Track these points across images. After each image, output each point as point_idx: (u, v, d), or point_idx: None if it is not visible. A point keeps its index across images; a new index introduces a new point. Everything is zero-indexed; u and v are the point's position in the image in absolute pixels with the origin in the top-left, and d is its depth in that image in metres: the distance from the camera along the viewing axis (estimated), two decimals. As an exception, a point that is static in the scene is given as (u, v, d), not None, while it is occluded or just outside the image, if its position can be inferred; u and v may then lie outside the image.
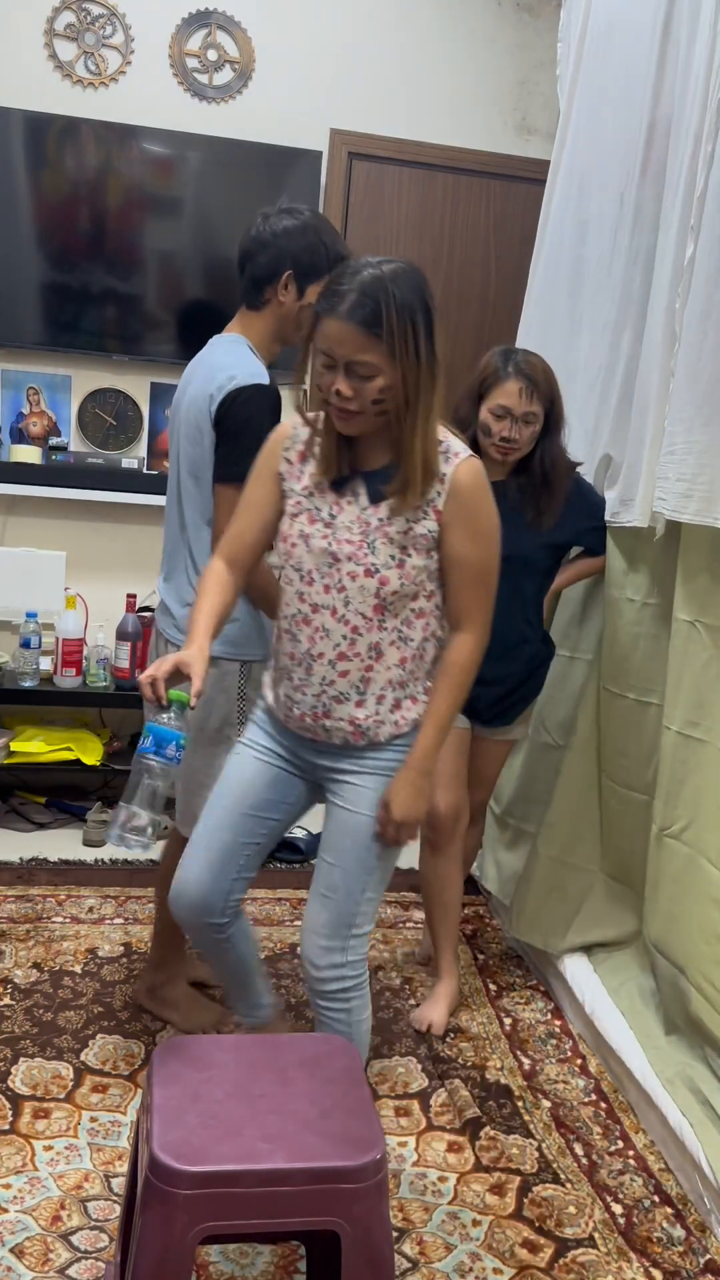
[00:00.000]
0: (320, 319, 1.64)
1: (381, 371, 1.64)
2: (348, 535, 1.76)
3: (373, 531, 1.75)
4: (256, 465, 1.83)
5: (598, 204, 2.62)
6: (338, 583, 1.77)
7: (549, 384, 2.37)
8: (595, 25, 2.66)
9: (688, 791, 2.24)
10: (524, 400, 2.34)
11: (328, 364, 1.65)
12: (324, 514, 1.78)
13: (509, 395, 2.33)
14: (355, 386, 1.64)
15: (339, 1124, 1.43)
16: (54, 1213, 1.88)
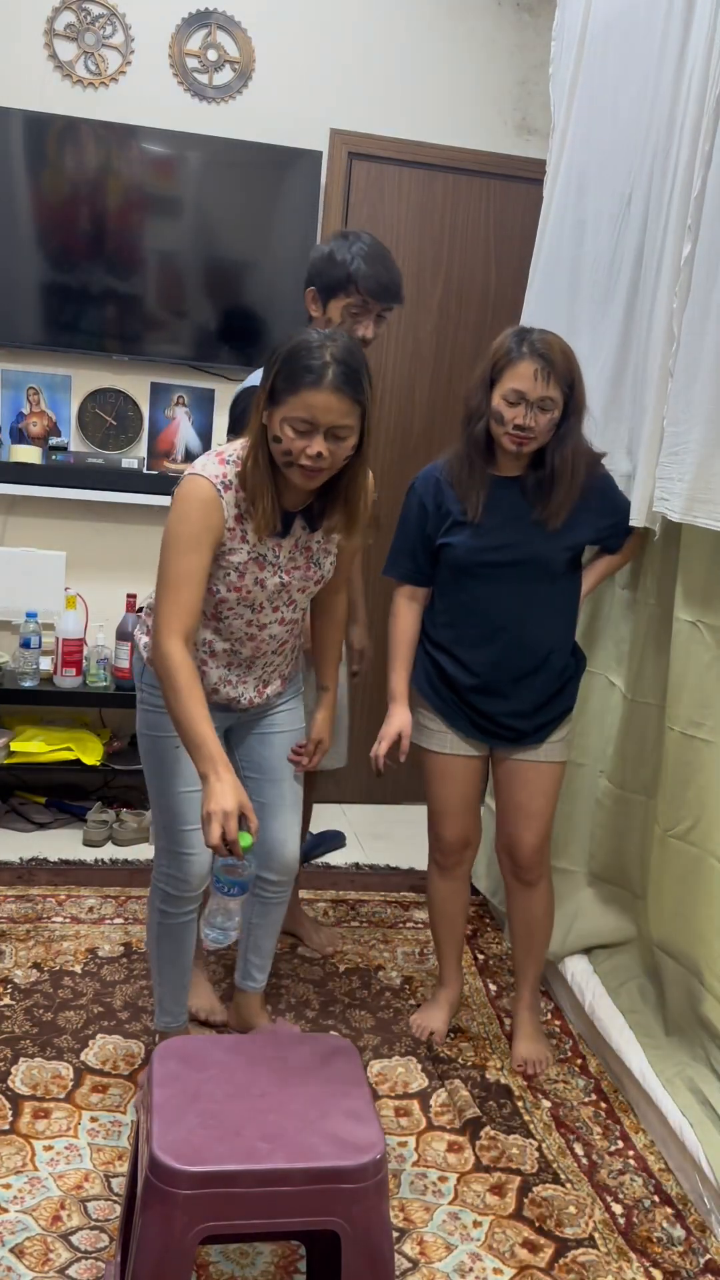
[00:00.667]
0: (301, 389, 1.77)
1: (354, 431, 1.83)
2: (294, 563, 2.02)
3: (316, 552, 2.04)
4: (193, 532, 1.89)
5: (598, 204, 2.62)
6: (288, 599, 2.06)
7: (568, 365, 2.14)
8: (595, 25, 2.66)
9: (692, 792, 2.24)
10: (540, 383, 2.09)
11: (304, 430, 1.79)
12: (269, 558, 1.99)
13: (523, 378, 2.10)
14: (332, 448, 1.81)
15: (339, 1124, 1.43)
16: (54, 1213, 1.88)
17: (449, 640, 2.31)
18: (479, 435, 2.20)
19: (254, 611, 2.02)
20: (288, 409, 1.79)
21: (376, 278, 2.33)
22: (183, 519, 1.89)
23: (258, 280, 3.60)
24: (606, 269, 2.56)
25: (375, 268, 2.32)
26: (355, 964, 2.82)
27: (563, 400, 2.14)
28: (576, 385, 2.16)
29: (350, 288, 2.32)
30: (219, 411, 3.71)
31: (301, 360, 1.77)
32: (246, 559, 1.96)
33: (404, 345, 3.79)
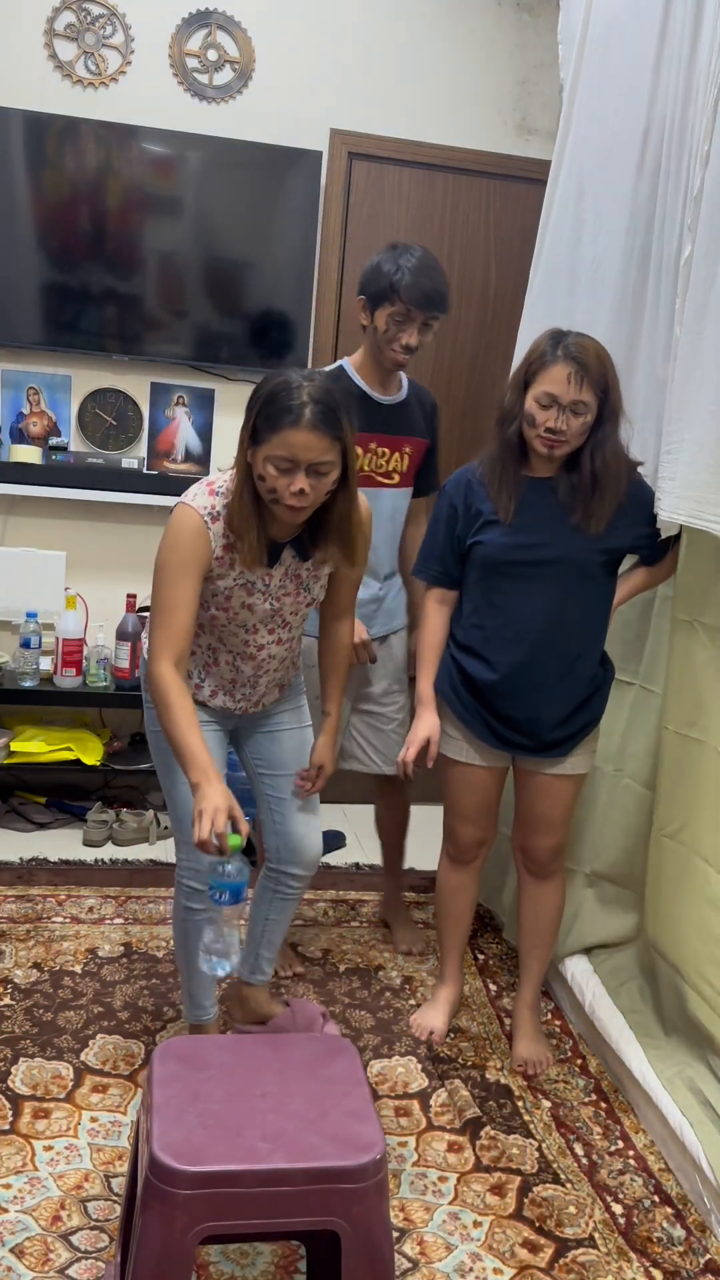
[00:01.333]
0: (281, 429, 1.84)
1: (334, 466, 1.89)
2: (284, 589, 2.08)
3: (306, 578, 2.11)
4: (181, 561, 1.98)
5: (598, 204, 2.62)
6: (282, 622, 2.13)
7: (602, 369, 2.11)
8: (595, 25, 2.66)
9: (683, 791, 2.25)
10: (572, 387, 2.08)
11: (286, 468, 1.86)
12: (259, 585, 2.06)
13: (556, 381, 2.09)
14: (314, 484, 1.88)
15: (339, 1124, 1.43)
16: (54, 1213, 1.88)
17: (476, 641, 2.30)
18: (512, 437, 2.20)
19: (248, 632, 2.10)
20: (269, 448, 1.86)
21: (419, 287, 2.40)
22: (171, 548, 1.98)
23: (258, 280, 3.60)
24: (606, 269, 2.56)
25: (419, 278, 2.40)
26: (355, 964, 2.82)
27: (597, 405, 2.12)
28: (611, 390, 2.14)
29: (394, 297, 2.41)
30: (219, 411, 3.71)
31: (280, 401, 1.84)
32: (233, 585, 2.03)
33: (404, 345, 3.80)
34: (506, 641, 2.26)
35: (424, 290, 2.40)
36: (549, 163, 2.88)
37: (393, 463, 2.59)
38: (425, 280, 2.41)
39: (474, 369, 3.80)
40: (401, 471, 2.61)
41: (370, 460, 2.55)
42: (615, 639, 2.55)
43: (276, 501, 1.90)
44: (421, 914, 3.12)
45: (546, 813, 2.38)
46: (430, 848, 3.02)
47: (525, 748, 2.31)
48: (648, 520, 2.25)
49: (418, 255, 2.43)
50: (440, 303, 2.45)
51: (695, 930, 2.16)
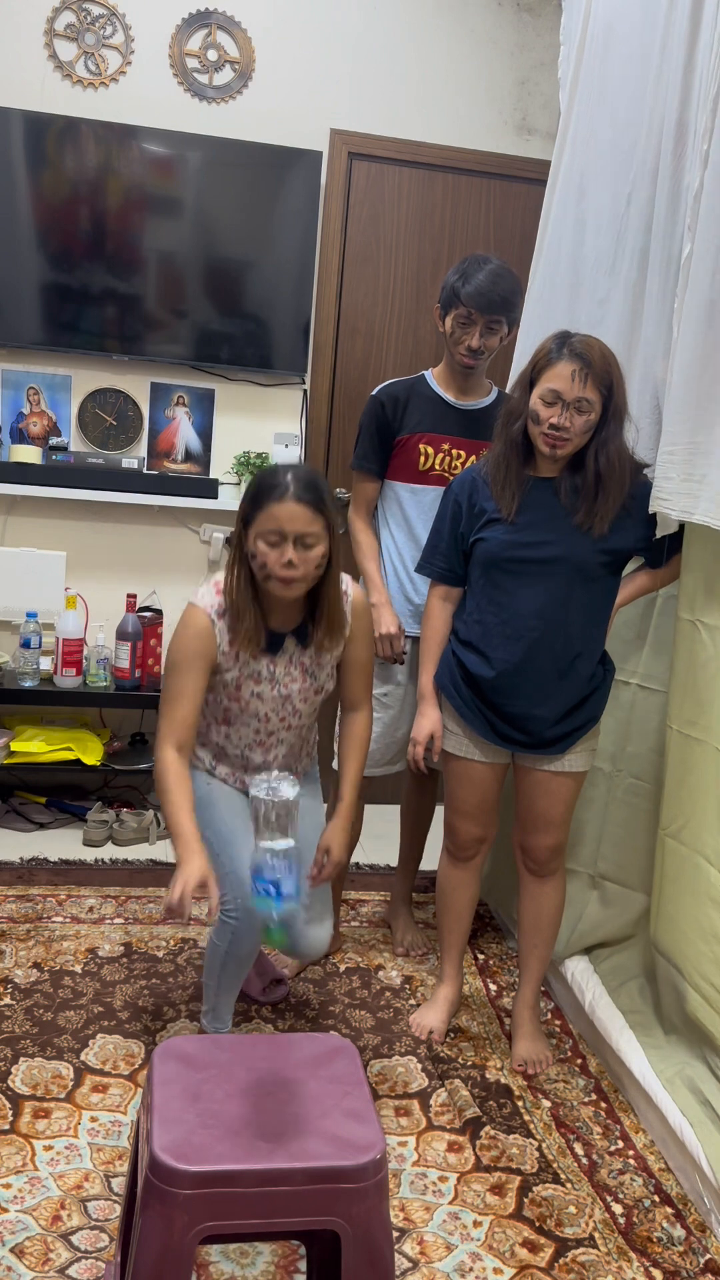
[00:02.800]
0: (267, 505, 1.98)
1: (321, 539, 2.00)
2: (291, 677, 2.18)
3: (311, 665, 2.19)
4: (187, 657, 2.08)
5: (598, 204, 2.62)
6: (293, 709, 2.22)
7: (606, 368, 2.14)
8: (595, 25, 2.66)
9: (685, 791, 2.25)
10: (576, 384, 2.10)
11: (275, 541, 1.98)
12: (265, 674, 2.15)
13: (559, 378, 2.11)
14: (302, 556, 1.99)
15: (339, 1124, 1.43)
16: (54, 1212, 1.88)
17: (476, 637, 2.31)
18: (516, 435, 2.22)
19: (260, 720, 2.21)
20: (259, 525, 1.99)
21: (479, 289, 2.50)
22: (178, 646, 2.10)
23: (258, 280, 3.60)
24: (607, 269, 2.56)
25: (481, 282, 2.50)
26: (355, 964, 2.82)
27: (600, 403, 2.14)
28: (616, 389, 2.16)
29: (457, 301, 2.54)
30: (219, 411, 3.71)
31: (266, 483, 2.00)
32: (239, 675, 2.14)
33: (404, 345, 3.80)
34: (505, 638, 2.27)
35: (483, 293, 2.50)
36: (549, 163, 2.88)
37: (469, 464, 2.65)
38: (487, 284, 2.50)
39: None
40: None
41: (442, 459, 2.66)
42: (615, 638, 2.55)
43: (269, 578, 2.01)
44: (422, 914, 3.12)
45: (546, 811, 2.38)
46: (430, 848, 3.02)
47: (523, 744, 2.32)
48: (651, 522, 2.25)
49: (486, 262, 2.54)
50: (501, 306, 2.53)
51: (696, 929, 2.16)
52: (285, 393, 3.75)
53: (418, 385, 2.69)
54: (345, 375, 3.79)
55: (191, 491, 3.60)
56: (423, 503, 2.67)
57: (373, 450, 2.70)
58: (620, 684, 2.56)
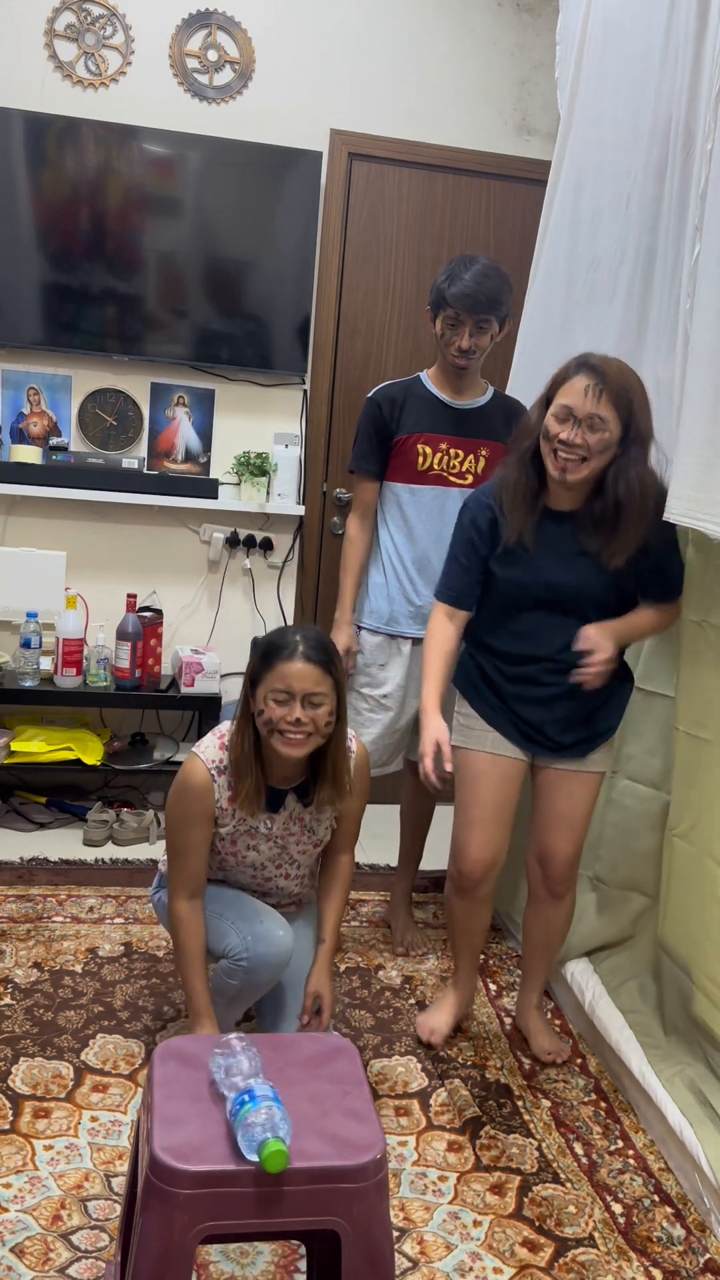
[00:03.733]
0: (277, 664, 1.99)
1: (328, 699, 2.01)
2: (288, 830, 2.17)
3: (310, 821, 2.19)
4: (188, 816, 2.09)
5: (598, 204, 2.62)
6: (290, 860, 2.22)
7: (624, 386, 2.03)
8: (595, 25, 2.66)
9: (694, 793, 2.24)
10: (590, 399, 2.01)
11: (283, 699, 1.99)
12: (262, 830, 2.15)
13: (573, 392, 2.03)
14: (310, 714, 1.99)
15: (339, 1124, 1.43)
16: (54, 1212, 1.88)
17: (493, 646, 2.29)
18: (526, 454, 2.16)
19: (255, 869, 2.22)
20: (267, 684, 2.01)
21: (464, 290, 2.51)
22: (178, 800, 2.11)
23: (258, 280, 3.60)
24: (606, 269, 2.57)
25: (466, 282, 2.51)
26: (355, 964, 2.82)
27: (619, 424, 2.04)
28: (638, 411, 2.05)
29: (444, 302, 2.55)
30: (219, 411, 3.71)
31: (277, 643, 2.03)
32: (235, 830, 2.14)
33: (404, 345, 3.80)
34: (515, 660, 2.27)
35: (469, 294, 2.51)
36: (549, 163, 2.89)
37: (466, 463, 2.68)
38: (472, 285, 2.51)
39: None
40: (476, 473, 2.69)
41: (441, 459, 2.67)
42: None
43: (273, 732, 2.01)
44: (421, 914, 3.12)
45: (568, 813, 2.34)
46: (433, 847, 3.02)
47: (546, 747, 2.30)
48: (661, 567, 2.18)
49: (473, 262, 2.55)
50: (488, 305, 2.54)
51: (704, 930, 2.16)
52: (285, 393, 3.75)
53: (413, 386, 2.70)
54: (345, 375, 3.79)
55: (191, 491, 3.60)
56: (422, 502, 2.68)
57: (371, 452, 2.71)
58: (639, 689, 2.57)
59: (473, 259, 2.57)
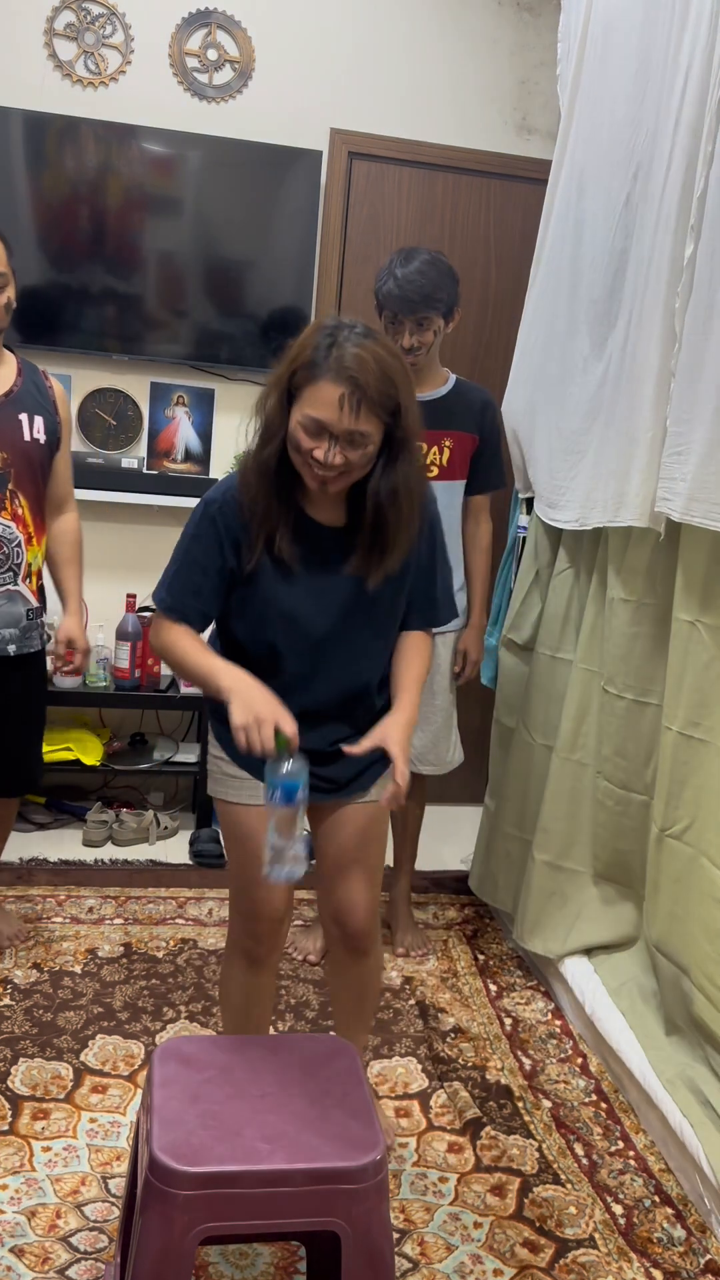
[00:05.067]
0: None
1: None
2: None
3: None
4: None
5: (598, 204, 2.62)
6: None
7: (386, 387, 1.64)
8: (595, 25, 2.66)
9: (689, 792, 2.24)
10: (346, 414, 1.62)
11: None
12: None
13: (324, 404, 1.62)
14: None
15: (339, 1124, 1.43)
16: (53, 1214, 1.88)
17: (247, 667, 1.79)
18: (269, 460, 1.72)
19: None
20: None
21: (396, 291, 2.50)
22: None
23: (258, 280, 3.60)
24: (607, 269, 2.56)
25: (398, 282, 2.50)
26: (355, 964, 2.82)
27: (382, 429, 1.67)
28: (405, 406, 1.67)
29: (381, 305, 2.56)
30: (219, 411, 3.71)
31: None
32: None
33: (404, 345, 3.80)
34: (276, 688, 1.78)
35: (401, 294, 2.50)
36: (549, 163, 2.88)
37: (430, 455, 2.67)
38: (405, 283, 2.49)
39: (474, 369, 3.79)
40: (441, 464, 2.69)
41: None
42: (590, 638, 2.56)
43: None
44: (421, 914, 3.12)
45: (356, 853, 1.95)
46: (426, 848, 3.02)
47: (319, 789, 1.86)
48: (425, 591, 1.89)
49: (410, 258, 2.52)
50: (422, 303, 2.51)
51: (703, 931, 2.16)
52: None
53: None
54: (345, 375, 3.79)
55: (191, 491, 3.60)
56: None
57: None
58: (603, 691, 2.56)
59: (411, 253, 2.54)
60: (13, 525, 2.41)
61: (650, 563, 2.44)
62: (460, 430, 2.69)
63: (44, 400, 2.47)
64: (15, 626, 2.43)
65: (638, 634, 2.49)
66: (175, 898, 3.09)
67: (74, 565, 2.69)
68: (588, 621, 2.65)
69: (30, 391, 2.45)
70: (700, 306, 2.14)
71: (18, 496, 2.41)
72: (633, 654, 2.51)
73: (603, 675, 2.61)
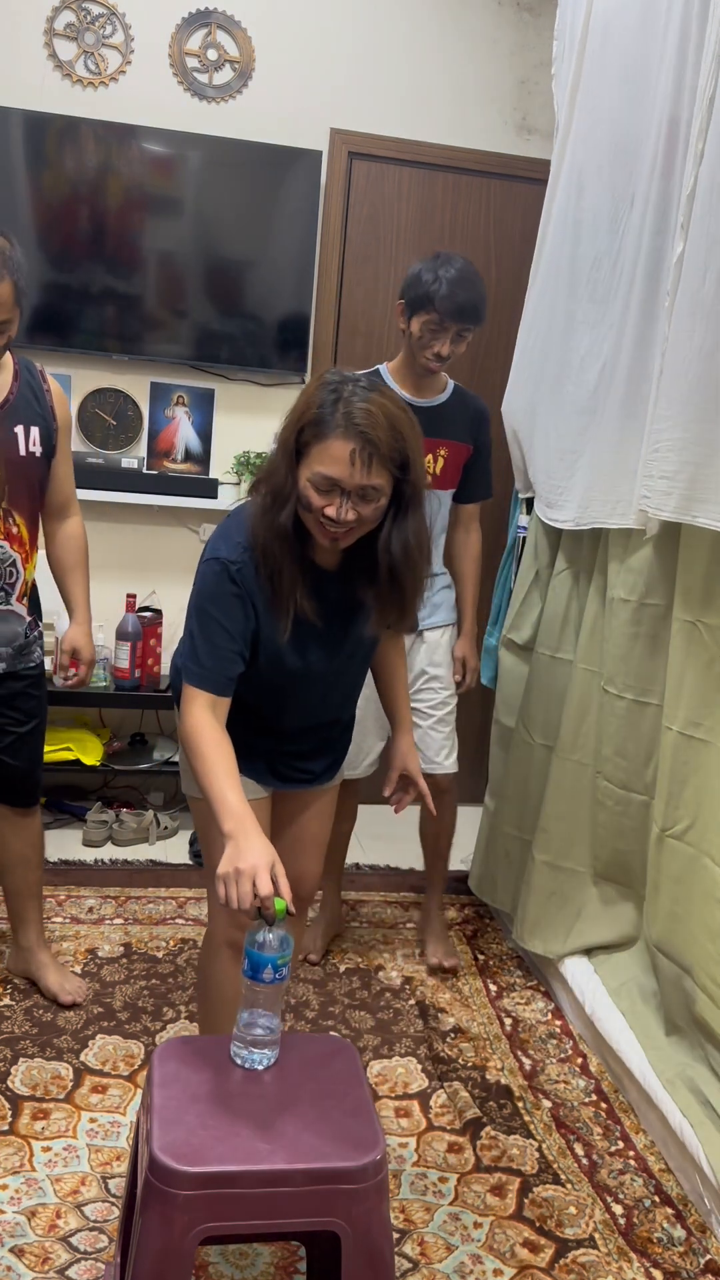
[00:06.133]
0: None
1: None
2: None
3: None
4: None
5: (597, 203, 2.62)
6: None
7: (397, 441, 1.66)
8: (595, 25, 2.66)
9: (689, 792, 2.24)
10: (359, 470, 1.63)
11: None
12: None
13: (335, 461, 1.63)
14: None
15: (339, 1124, 1.43)
16: (54, 1213, 1.88)
17: None
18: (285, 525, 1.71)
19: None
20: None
21: (454, 299, 2.46)
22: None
23: (258, 280, 3.60)
24: (606, 269, 2.56)
25: (455, 289, 2.46)
26: (355, 964, 2.82)
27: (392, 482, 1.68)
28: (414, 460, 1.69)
29: (430, 306, 2.48)
30: (219, 411, 3.71)
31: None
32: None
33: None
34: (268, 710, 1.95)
35: (458, 302, 2.47)
36: (549, 163, 2.88)
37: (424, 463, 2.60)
38: (460, 292, 2.47)
39: (474, 369, 3.80)
40: (435, 473, 2.65)
41: None
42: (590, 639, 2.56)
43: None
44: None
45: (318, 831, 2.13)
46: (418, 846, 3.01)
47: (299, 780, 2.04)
48: None
49: (457, 266, 2.49)
50: (473, 315, 2.51)
51: (705, 930, 2.16)
52: (285, 392, 3.74)
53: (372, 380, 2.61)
54: (345, 375, 3.79)
55: (191, 491, 3.60)
56: None
57: None
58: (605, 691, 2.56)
59: (451, 257, 2.50)
60: (7, 545, 2.32)
61: (650, 563, 2.44)
62: (455, 440, 2.66)
63: (40, 407, 2.37)
64: (11, 645, 2.39)
65: (638, 634, 2.49)
66: (175, 898, 3.09)
67: (80, 571, 2.63)
68: (588, 621, 2.65)
69: (26, 399, 2.35)
70: (686, 305, 2.14)
71: (13, 515, 2.33)
72: (633, 654, 2.51)
73: (603, 675, 2.61)
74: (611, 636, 2.56)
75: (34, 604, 2.48)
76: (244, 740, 1.79)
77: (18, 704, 2.42)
